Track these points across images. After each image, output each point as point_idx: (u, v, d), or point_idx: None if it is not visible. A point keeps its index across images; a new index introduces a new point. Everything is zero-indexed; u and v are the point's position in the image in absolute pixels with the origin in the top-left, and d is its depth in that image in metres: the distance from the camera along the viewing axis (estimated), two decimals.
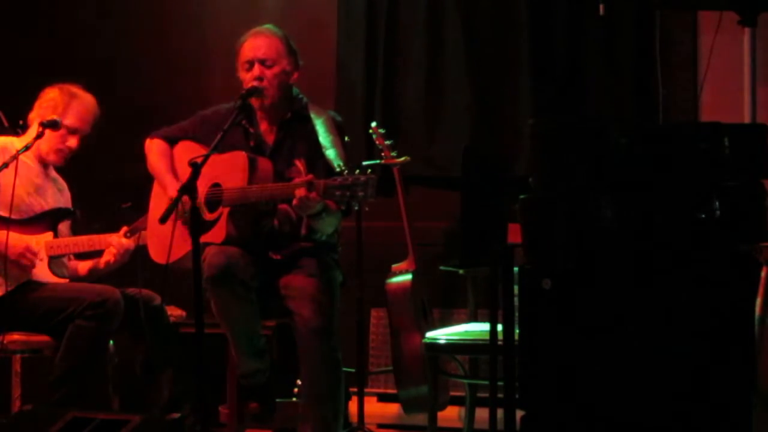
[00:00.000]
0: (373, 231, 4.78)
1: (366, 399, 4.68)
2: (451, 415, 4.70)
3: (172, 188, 4.03)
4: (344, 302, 4.13)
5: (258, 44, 4.11)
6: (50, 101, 4.33)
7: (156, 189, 4.25)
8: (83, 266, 4.46)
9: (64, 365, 4.08)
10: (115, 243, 4.27)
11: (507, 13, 5.01)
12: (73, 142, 4.36)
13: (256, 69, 4.08)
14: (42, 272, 4.26)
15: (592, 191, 3.07)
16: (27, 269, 4.22)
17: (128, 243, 4.27)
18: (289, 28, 4.27)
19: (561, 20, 4.93)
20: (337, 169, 3.77)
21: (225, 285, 3.84)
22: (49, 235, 4.29)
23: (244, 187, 3.96)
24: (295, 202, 3.78)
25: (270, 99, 4.10)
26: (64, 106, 4.33)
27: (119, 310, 4.10)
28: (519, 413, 3.16)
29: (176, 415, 3.68)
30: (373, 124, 4.68)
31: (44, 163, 4.41)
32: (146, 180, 4.29)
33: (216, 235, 3.98)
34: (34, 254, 4.22)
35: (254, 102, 4.12)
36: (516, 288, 3.22)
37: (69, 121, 4.33)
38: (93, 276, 4.41)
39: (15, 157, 4.15)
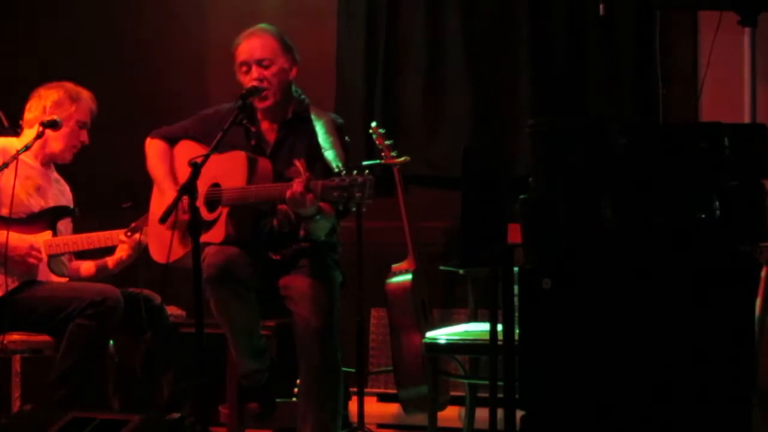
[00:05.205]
0: (373, 231, 4.78)
1: (366, 399, 4.68)
2: (451, 415, 4.70)
3: (171, 193, 4.00)
4: (344, 302, 4.13)
5: (253, 45, 4.10)
6: (56, 101, 4.33)
7: (156, 188, 4.25)
8: (86, 267, 4.46)
9: (64, 365, 4.07)
10: (125, 239, 4.29)
11: (507, 13, 5.01)
12: (84, 136, 4.40)
13: (255, 71, 4.07)
14: (42, 271, 4.26)
15: (592, 191, 3.07)
16: (33, 268, 4.22)
17: (136, 238, 4.29)
18: (289, 27, 4.28)
19: (561, 20, 4.93)
20: (336, 170, 3.77)
21: (225, 285, 3.84)
22: (48, 234, 4.29)
23: (243, 187, 3.95)
24: (288, 194, 3.74)
25: (271, 98, 4.10)
26: (75, 104, 4.35)
27: (119, 309, 4.10)
28: (519, 413, 3.16)
29: (176, 415, 3.67)
30: (373, 124, 4.68)
31: (49, 163, 4.41)
32: (146, 180, 4.28)
33: (215, 235, 3.98)
34: (39, 251, 4.22)
35: (255, 101, 4.11)
36: (516, 288, 3.22)
37: (79, 116, 4.37)
38: (101, 275, 4.41)
39: (15, 157, 4.15)
